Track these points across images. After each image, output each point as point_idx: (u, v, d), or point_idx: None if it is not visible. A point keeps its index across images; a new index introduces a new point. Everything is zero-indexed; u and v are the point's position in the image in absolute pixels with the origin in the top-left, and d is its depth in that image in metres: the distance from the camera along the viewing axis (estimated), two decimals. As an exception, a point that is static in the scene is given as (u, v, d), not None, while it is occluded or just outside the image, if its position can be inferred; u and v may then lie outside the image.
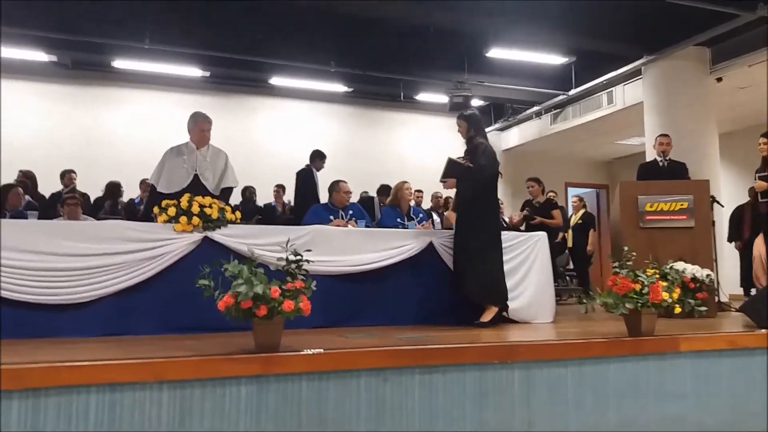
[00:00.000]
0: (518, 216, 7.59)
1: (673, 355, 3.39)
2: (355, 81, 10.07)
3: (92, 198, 7.85)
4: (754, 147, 5.92)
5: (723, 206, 6.49)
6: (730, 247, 7.73)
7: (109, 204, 7.54)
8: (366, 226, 5.29)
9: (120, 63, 9.19)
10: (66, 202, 5.99)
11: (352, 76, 9.63)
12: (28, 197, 6.67)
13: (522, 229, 7.19)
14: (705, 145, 8.13)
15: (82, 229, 3.98)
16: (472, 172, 4.59)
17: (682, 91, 8.18)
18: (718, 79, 8.37)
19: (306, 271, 2.90)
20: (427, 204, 9.05)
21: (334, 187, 5.52)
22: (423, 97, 11.03)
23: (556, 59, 8.92)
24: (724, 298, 6.01)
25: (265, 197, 9.26)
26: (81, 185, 7.84)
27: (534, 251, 5.04)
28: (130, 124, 10.18)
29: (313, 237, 4.35)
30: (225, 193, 4.68)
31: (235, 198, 6.33)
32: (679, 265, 4.77)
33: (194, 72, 9.66)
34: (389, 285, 4.63)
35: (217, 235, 4.10)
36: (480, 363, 3.00)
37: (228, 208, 4.27)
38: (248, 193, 8.91)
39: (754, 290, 5.36)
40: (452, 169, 4.66)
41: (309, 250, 3.01)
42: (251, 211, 8.49)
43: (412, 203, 5.76)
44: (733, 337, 3.63)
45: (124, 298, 3.88)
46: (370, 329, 4.13)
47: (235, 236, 4.14)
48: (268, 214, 8.80)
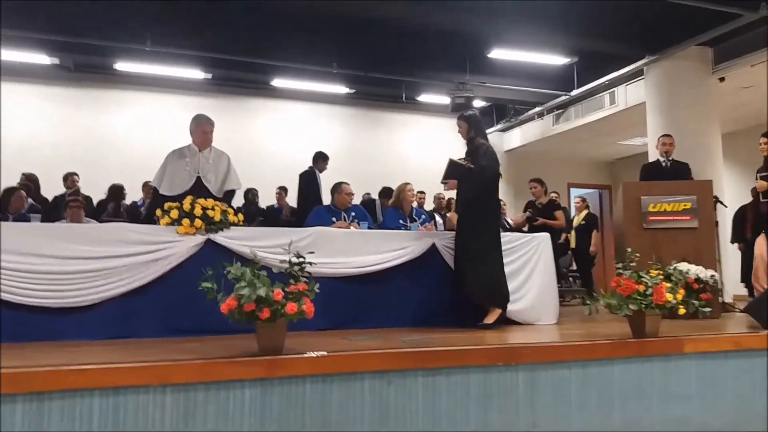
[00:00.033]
0: (521, 217, 7.58)
1: (678, 357, 3.38)
2: (356, 82, 10.06)
3: (95, 200, 7.86)
4: (757, 147, 5.91)
5: (726, 206, 6.48)
6: (733, 248, 7.70)
7: (112, 206, 7.54)
8: (368, 228, 5.29)
9: (122, 65, 9.22)
10: (69, 204, 6.00)
11: (354, 78, 9.62)
12: (30, 200, 6.69)
13: (525, 230, 7.19)
14: (708, 145, 8.11)
15: (85, 232, 3.99)
16: (474, 173, 4.58)
17: (684, 91, 8.16)
18: (721, 79, 8.36)
19: (309, 273, 2.90)
20: (429, 205, 9.03)
21: (336, 189, 5.51)
22: (425, 98, 11.02)
23: (558, 60, 8.90)
24: (728, 299, 6.00)
25: (267, 199, 9.27)
26: (84, 188, 7.83)
27: (537, 252, 5.03)
28: (133, 126, 10.20)
29: (316, 239, 4.35)
30: (228, 195, 4.68)
31: (238, 200, 6.32)
32: (683, 266, 4.77)
33: (196, 74, 9.68)
34: (392, 287, 4.63)
35: (220, 238, 4.10)
36: (484, 365, 2.99)
37: (230, 211, 4.27)
38: (251, 195, 8.91)
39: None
40: (453, 170, 4.65)
41: (312, 252, 3.00)
42: (254, 213, 8.49)
43: (415, 204, 5.76)
44: (738, 338, 3.62)
45: (127, 301, 3.88)
46: (373, 331, 4.13)
47: (238, 238, 4.14)
48: (270, 216, 8.80)
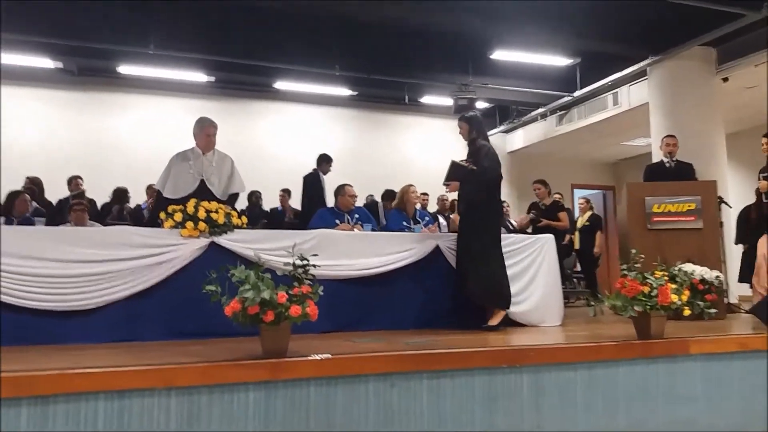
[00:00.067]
0: (525, 218, 7.56)
1: (683, 358, 3.37)
2: (359, 84, 10.06)
3: (99, 204, 7.88)
4: (761, 147, 5.89)
5: (731, 207, 6.45)
6: (738, 249, 7.65)
7: (116, 210, 7.56)
8: (372, 230, 5.28)
9: (125, 69, 9.23)
10: (73, 208, 6.01)
11: (357, 80, 9.62)
12: (35, 204, 6.69)
13: (529, 231, 7.18)
14: (712, 146, 8.08)
15: (89, 236, 3.99)
16: (476, 175, 4.57)
17: (688, 92, 8.14)
18: (724, 79, 8.33)
19: (312, 275, 2.89)
20: (432, 207, 9.02)
21: (340, 191, 5.51)
22: (427, 99, 11.02)
23: (560, 60, 8.88)
24: (733, 300, 5.97)
25: (271, 202, 9.27)
26: (88, 191, 7.83)
27: (541, 254, 5.02)
28: (136, 129, 10.22)
29: (320, 241, 4.35)
30: (232, 198, 4.68)
31: (241, 203, 6.33)
32: (688, 267, 4.75)
33: (199, 77, 9.71)
34: (396, 289, 4.63)
35: (224, 240, 4.10)
36: (489, 367, 2.99)
37: (234, 213, 4.28)
38: (254, 197, 8.92)
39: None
40: (456, 172, 4.64)
41: (315, 255, 3.00)
42: (257, 216, 8.49)
43: (418, 206, 5.75)
44: (744, 339, 3.60)
45: (131, 304, 3.89)
46: (377, 333, 4.13)
47: (242, 241, 4.14)
48: (274, 219, 8.81)
